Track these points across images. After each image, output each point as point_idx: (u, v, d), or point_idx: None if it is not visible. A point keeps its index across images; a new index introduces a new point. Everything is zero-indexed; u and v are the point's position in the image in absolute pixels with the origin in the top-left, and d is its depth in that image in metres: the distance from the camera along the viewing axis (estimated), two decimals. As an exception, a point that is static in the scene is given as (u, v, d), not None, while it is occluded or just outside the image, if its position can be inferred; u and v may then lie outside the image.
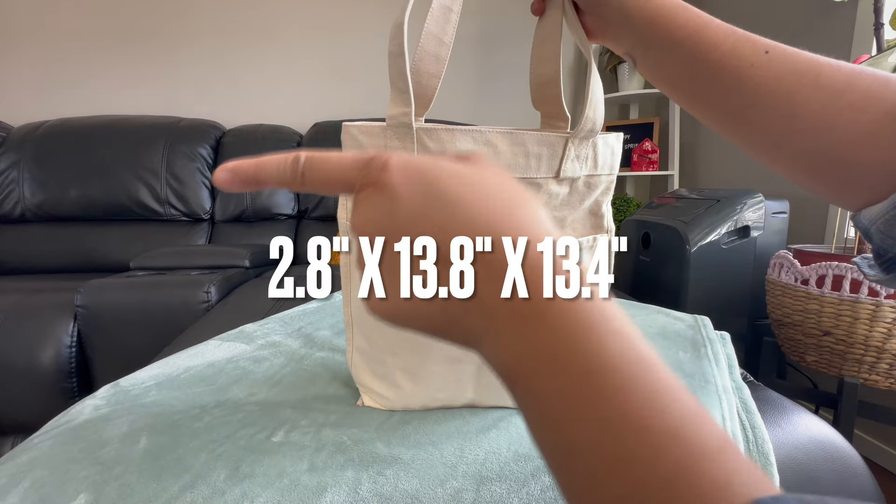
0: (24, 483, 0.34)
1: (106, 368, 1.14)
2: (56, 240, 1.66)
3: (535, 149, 0.36)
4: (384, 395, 0.42)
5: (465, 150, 0.34)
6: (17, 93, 1.86)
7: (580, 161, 0.38)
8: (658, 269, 1.28)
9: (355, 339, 0.43)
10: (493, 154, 0.35)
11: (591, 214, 0.41)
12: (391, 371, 0.40)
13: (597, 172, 0.40)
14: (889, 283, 0.24)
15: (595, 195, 0.41)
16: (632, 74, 1.93)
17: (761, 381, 0.58)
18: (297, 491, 0.33)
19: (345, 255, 0.40)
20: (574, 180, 0.39)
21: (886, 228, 0.21)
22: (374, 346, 0.41)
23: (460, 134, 0.33)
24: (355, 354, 0.43)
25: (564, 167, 0.37)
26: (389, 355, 0.40)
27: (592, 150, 0.39)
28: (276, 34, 1.97)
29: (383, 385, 0.42)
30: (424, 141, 0.34)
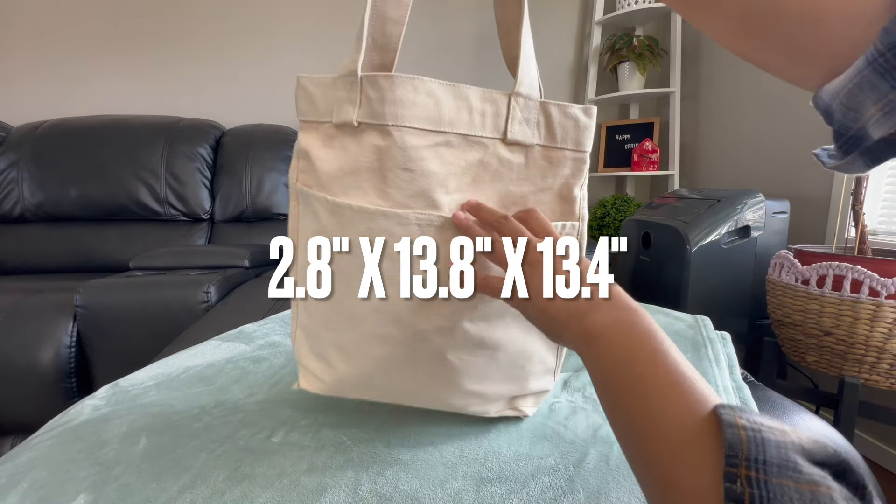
0: (24, 483, 0.34)
1: (106, 368, 1.14)
2: (55, 240, 1.66)
3: (479, 104, 0.35)
4: (319, 376, 0.39)
5: (404, 99, 0.33)
6: (17, 92, 1.85)
7: (530, 126, 0.36)
8: (658, 269, 1.28)
9: (299, 314, 0.40)
10: (435, 106, 0.33)
11: (561, 198, 0.39)
12: (326, 348, 0.38)
13: (556, 145, 0.38)
14: (847, 168, 0.23)
15: (563, 175, 0.38)
16: (632, 74, 1.93)
17: (762, 382, 0.58)
18: (297, 491, 0.33)
19: (293, 220, 0.38)
20: (528, 149, 0.37)
21: (848, 100, 0.19)
22: (312, 317, 0.39)
23: (400, 82, 0.32)
24: (298, 331, 0.41)
25: (511, 128, 0.36)
26: (325, 329, 0.38)
27: (543, 115, 0.37)
28: (276, 34, 1.97)
29: (320, 365, 0.39)
30: (367, 90, 0.33)
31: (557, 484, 0.35)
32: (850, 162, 0.22)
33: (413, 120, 0.33)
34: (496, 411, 0.41)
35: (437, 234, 0.34)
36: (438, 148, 0.34)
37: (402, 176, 0.33)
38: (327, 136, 0.34)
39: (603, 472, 0.36)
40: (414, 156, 0.33)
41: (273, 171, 1.77)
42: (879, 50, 0.17)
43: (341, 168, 0.34)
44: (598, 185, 2.22)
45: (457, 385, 0.38)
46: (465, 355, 0.37)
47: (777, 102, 1.49)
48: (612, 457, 0.38)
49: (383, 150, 0.33)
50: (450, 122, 0.34)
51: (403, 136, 0.32)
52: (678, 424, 0.22)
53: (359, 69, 0.33)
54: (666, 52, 1.97)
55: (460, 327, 0.36)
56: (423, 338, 0.36)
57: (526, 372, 0.40)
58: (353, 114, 0.33)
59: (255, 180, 1.75)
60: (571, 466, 0.37)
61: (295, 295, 0.39)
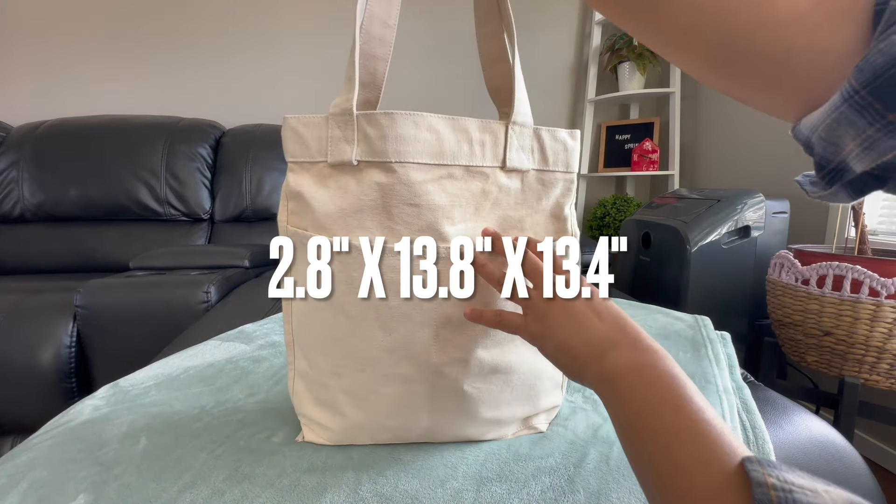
0: (24, 483, 0.34)
1: (106, 368, 1.14)
2: (55, 240, 1.66)
3: (478, 135, 0.35)
4: (327, 425, 0.38)
5: (406, 135, 0.33)
6: (17, 92, 1.85)
7: (525, 152, 0.37)
8: (658, 269, 1.27)
9: (297, 362, 0.40)
10: (436, 140, 0.33)
11: (554, 217, 0.40)
12: (334, 396, 0.37)
13: (548, 168, 0.39)
14: (831, 198, 0.23)
15: (554, 196, 0.39)
16: (632, 74, 1.93)
17: (762, 382, 0.58)
18: (297, 491, 0.33)
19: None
20: (524, 174, 0.38)
21: (827, 135, 0.20)
22: (315, 367, 0.38)
23: (401, 119, 0.32)
24: (297, 381, 0.40)
25: (510, 156, 0.36)
26: (331, 377, 0.37)
27: (536, 141, 0.38)
28: (276, 34, 1.97)
29: (326, 414, 0.38)
30: (365, 128, 0.33)
31: (557, 484, 0.35)
32: (834, 193, 0.22)
33: (416, 155, 0.33)
34: (512, 434, 0.41)
35: (445, 265, 0.34)
36: (442, 181, 0.34)
37: (408, 211, 0.33)
38: (322, 175, 0.34)
39: (603, 472, 0.36)
40: (419, 190, 0.33)
41: (273, 171, 1.77)
42: (854, 87, 0.18)
43: (341, 208, 0.33)
44: (598, 185, 2.22)
45: (474, 415, 0.38)
46: (480, 384, 0.37)
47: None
48: (612, 457, 0.38)
49: (387, 187, 0.32)
50: (452, 155, 0.34)
51: (407, 171, 0.33)
52: (704, 478, 0.21)
53: (354, 108, 0.33)
54: (666, 52, 1.97)
55: (475, 356, 0.36)
56: (438, 372, 0.35)
57: (537, 391, 0.41)
58: (352, 153, 0.33)
59: (255, 180, 1.75)
60: (571, 466, 0.37)
61: (294, 344, 0.39)
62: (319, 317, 0.36)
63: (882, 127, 0.18)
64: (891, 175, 0.20)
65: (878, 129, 0.18)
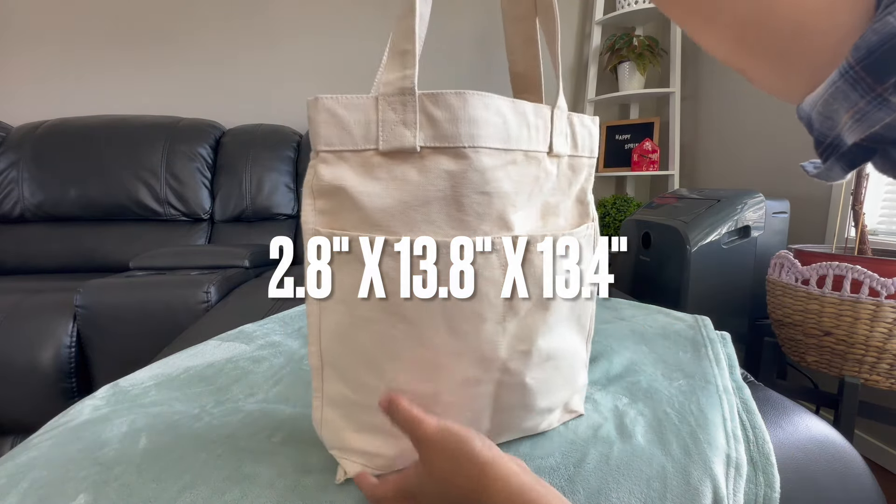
0: (24, 483, 0.34)
1: (106, 368, 1.14)
2: (55, 240, 1.66)
3: (534, 119, 0.34)
4: (377, 452, 0.34)
5: (479, 118, 0.30)
6: (17, 93, 1.85)
7: (563, 137, 0.37)
8: (658, 269, 1.27)
9: (327, 389, 0.34)
10: (503, 124, 0.31)
11: (579, 202, 0.40)
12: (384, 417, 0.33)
13: (578, 153, 0.39)
14: (826, 175, 0.24)
15: (580, 181, 0.40)
16: (632, 74, 1.93)
17: (762, 382, 0.58)
18: (297, 491, 0.33)
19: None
20: (560, 159, 0.37)
21: (825, 109, 0.21)
22: (363, 389, 0.33)
23: (472, 99, 0.29)
24: (326, 411, 0.35)
25: (555, 141, 0.36)
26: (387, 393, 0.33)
27: (570, 126, 0.38)
28: (276, 34, 1.97)
29: (376, 440, 0.34)
30: (430, 110, 0.29)
31: (557, 484, 0.35)
32: (829, 168, 0.23)
33: (488, 139, 0.30)
34: (558, 420, 0.41)
35: (513, 256, 0.32)
36: (508, 167, 0.32)
37: (479, 200, 0.30)
38: (369, 166, 0.29)
39: (603, 472, 0.36)
40: (490, 177, 0.30)
41: (273, 171, 1.77)
42: (850, 63, 0.19)
43: (403, 201, 0.29)
44: (598, 185, 2.22)
45: (532, 407, 0.37)
46: (538, 373, 0.36)
47: (777, 102, 1.49)
48: (612, 457, 0.38)
49: (458, 175, 0.29)
50: (516, 140, 0.32)
51: (480, 157, 0.30)
52: None
53: (415, 87, 0.29)
54: (666, 52, 1.97)
55: (536, 346, 0.35)
56: (504, 368, 0.34)
57: (575, 371, 0.41)
58: (414, 138, 0.29)
59: (255, 180, 1.75)
60: (571, 466, 0.37)
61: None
62: (372, 329, 0.31)
63: (872, 99, 0.19)
64: (878, 146, 0.21)
65: (869, 101, 0.19)
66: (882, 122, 0.19)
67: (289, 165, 1.81)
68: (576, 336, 0.41)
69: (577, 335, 0.41)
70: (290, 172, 1.81)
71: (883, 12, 0.18)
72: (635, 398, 0.47)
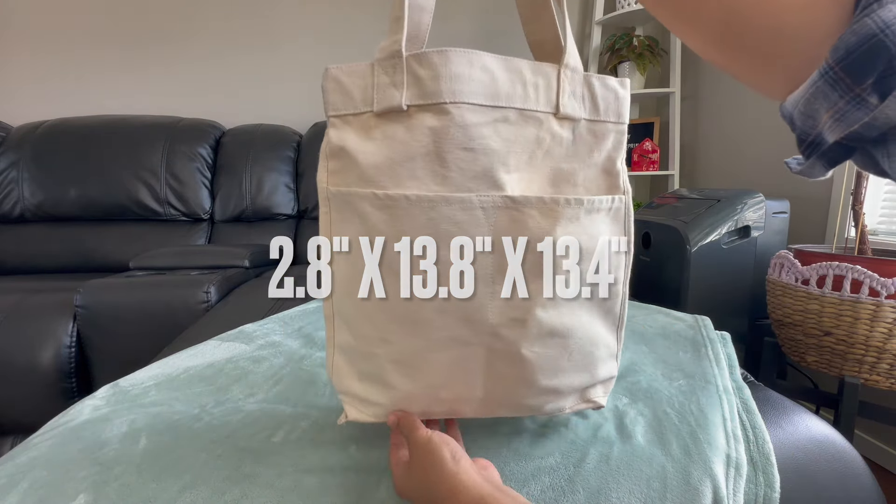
0: (24, 483, 0.34)
1: (106, 368, 1.14)
2: (55, 240, 1.66)
3: (531, 77, 0.33)
4: (374, 400, 0.36)
5: (461, 74, 0.30)
6: (17, 93, 1.85)
7: (577, 99, 0.35)
8: (658, 269, 1.27)
9: (336, 336, 0.37)
10: (490, 80, 0.32)
11: (605, 173, 0.37)
12: (382, 366, 0.35)
13: (600, 118, 0.36)
14: (809, 172, 0.24)
15: (606, 149, 0.37)
16: (632, 74, 1.93)
17: (762, 382, 0.58)
18: (298, 491, 0.33)
19: (325, 231, 0.34)
20: (576, 123, 0.35)
21: (806, 108, 0.22)
22: (361, 337, 0.35)
23: (454, 56, 0.30)
24: (337, 356, 0.37)
25: (563, 102, 0.34)
26: (379, 345, 0.35)
27: (587, 89, 0.36)
28: (276, 34, 1.97)
29: (374, 388, 0.36)
30: (415, 69, 0.31)
31: (557, 484, 0.35)
32: (811, 165, 0.24)
33: (471, 95, 0.31)
34: (570, 407, 0.39)
35: (501, 214, 0.32)
36: (497, 124, 0.32)
37: (463, 156, 0.31)
38: (367, 126, 0.32)
39: (603, 472, 0.36)
40: (475, 133, 0.31)
41: (273, 171, 1.77)
42: (829, 64, 0.20)
43: (390, 158, 0.31)
44: (598, 185, 2.22)
45: (532, 383, 0.36)
46: (538, 348, 0.35)
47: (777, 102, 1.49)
48: (612, 457, 0.38)
49: (440, 131, 0.31)
50: (507, 97, 0.32)
51: (463, 113, 0.31)
52: None
53: (402, 49, 0.30)
54: (666, 52, 1.97)
55: (533, 316, 0.34)
56: (495, 334, 0.34)
57: (594, 358, 0.39)
58: (401, 97, 0.31)
59: (255, 180, 1.74)
60: (571, 466, 0.37)
61: (334, 317, 0.36)
62: (367, 281, 0.33)
63: (851, 99, 0.20)
64: (857, 144, 0.21)
65: (848, 101, 0.20)
66: (861, 121, 0.20)
67: (289, 165, 1.81)
68: (597, 319, 0.38)
69: (600, 319, 0.38)
70: (290, 172, 1.81)
71: (861, 13, 0.19)
72: (635, 398, 0.47)
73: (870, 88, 0.19)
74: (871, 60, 0.18)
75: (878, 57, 0.18)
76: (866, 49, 0.18)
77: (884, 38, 0.18)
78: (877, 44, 0.18)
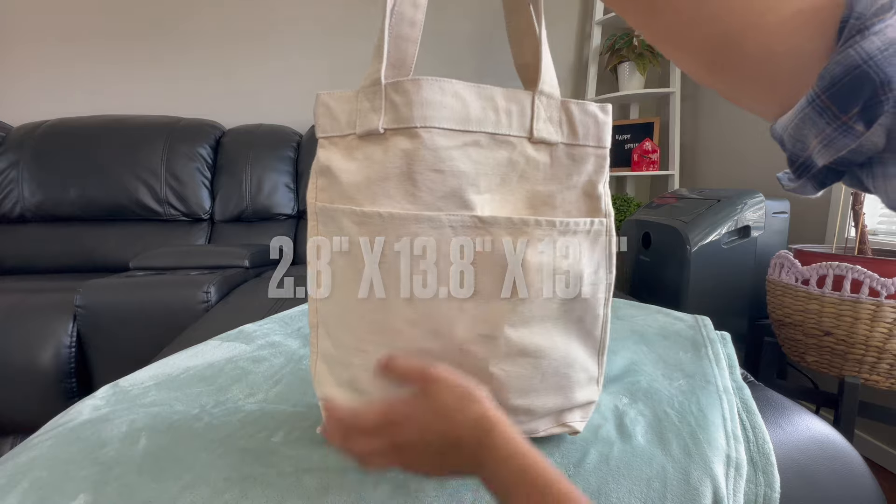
0: (24, 483, 0.34)
1: (106, 368, 1.14)
2: (55, 240, 1.66)
3: (504, 103, 0.35)
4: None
5: (432, 100, 0.32)
6: (17, 93, 1.85)
7: (553, 124, 0.36)
8: (658, 269, 1.28)
9: (320, 344, 0.39)
10: (462, 106, 0.33)
11: (586, 196, 0.38)
12: (357, 375, 0.36)
13: (578, 142, 0.37)
14: (801, 191, 0.25)
15: (586, 172, 0.38)
16: (632, 74, 1.93)
17: (762, 382, 0.58)
18: (298, 491, 0.33)
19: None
20: (552, 147, 0.37)
21: (795, 132, 0.22)
22: (340, 346, 0.37)
23: (426, 84, 0.32)
24: (319, 363, 0.39)
25: (537, 127, 0.36)
26: (356, 354, 0.36)
27: (564, 113, 0.37)
28: (276, 34, 1.97)
29: (348, 394, 0.37)
30: (392, 96, 0.33)
31: (557, 484, 0.35)
32: (802, 185, 0.25)
33: (441, 120, 0.33)
34: (544, 430, 0.39)
35: (471, 234, 0.34)
36: (467, 148, 0.34)
37: (432, 177, 0.33)
38: (350, 148, 0.34)
39: (603, 472, 0.36)
40: (444, 156, 0.33)
41: (273, 171, 1.77)
42: (816, 92, 0.20)
43: (368, 177, 0.33)
44: (598, 185, 2.22)
45: (502, 401, 0.36)
46: (507, 366, 0.36)
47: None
48: (612, 457, 0.38)
49: (412, 153, 0.33)
50: (478, 122, 0.34)
51: (433, 136, 0.33)
52: None
53: (382, 77, 0.33)
54: (666, 52, 1.97)
55: (502, 334, 0.35)
56: (463, 349, 0.35)
57: (570, 381, 0.39)
58: (379, 121, 0.33)
59: (255, 180, 1.74)
60: (571, 466, 0.37)
61: (318, 326, 0.38)
62: (346, 292, 0.35)
63: (838, 127, 0.20)
64: (846, 168, 0.22)
65: (835, 128, 0.20)
66: (848, 147, 0.20)
67: (289, 165, 1.81)
68: (574, 342, 0.38)
69: (578, 342, 0.39)
70: (290, 172, 1.81)
71: (844, 45, 0.19)
72: (635, 398, 0.47)
73: (856, 117, 0.20)
74: (856, 90, 0.19)
75: (863, 87, 0.19)
76: (851, 79, 0.19)
77: (867, 68, 0.19)
78: (860, 74, 0.19)
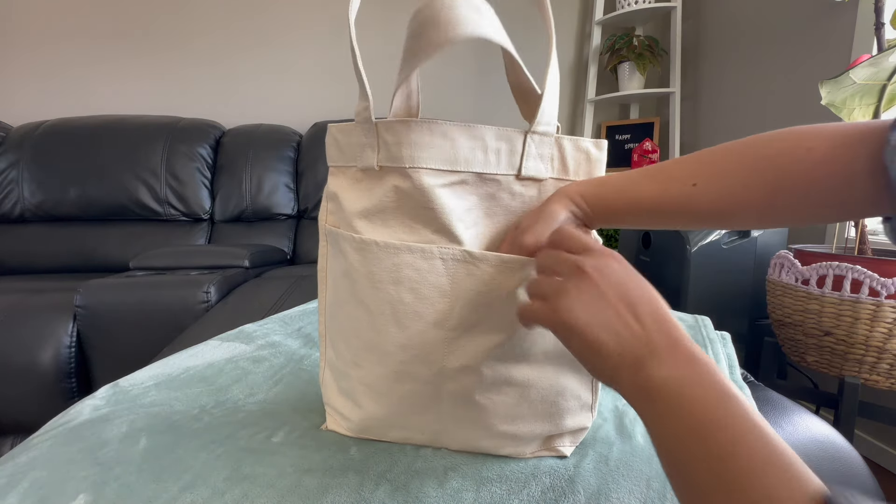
0: (24, 483, 0.34)
1: (106, 368, 1.14)
2: (55, 240, 1.66)
3: (493, 143, 0.35)
4: (347, 415, 0.40)
5: (421, 142, 0.33)
6: (17, 93, 1.85)
7: (544, 161, 0.36)
8: (658, 269, 1.28)
9: (327, 353, 0.41)
10: (450, 147, 0.34)
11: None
12: (354, 386, 0.38)
13: (569, 177, 0.37)
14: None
15: None
16: (632, 74, 1.93)
17: (762, 382, 0.58)
18: (298, 491, 0.33)
19: (322, 265, 0.41)
20: (541, 182, 0.37)
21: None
22: (341, 357, 0.39)
23: (416, 126, 0.33)
24: (326, 370, 0.42)
25: (525, 165, 0.36)
26: (353, 367, 0.38)
27: (557, 150, 0.37)
28: (276, 34, 1.97)
29: (347, 404, 0.40)
30: (384, 135, 0.34)
31: (557, 484, 0.35)
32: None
33: (429, 161, 0.34)
34: (531, 452, 0.39)
35: (459, 267, 0.35)
36: (454, 186, 0.35)
37: (424, 214, 0.34)
38: (354, 179, 0.37)
39: (603, 473, 0.36)
40: (432, 195, 0.34)
41: (273, 171, 1.77)
42: None
43: (366, 208, 0.36)
44: (598, 185, 2.22)
45: (487, 426, 0.37)
46: (493, 395, 0.36)
47: (777, 102, 1.49)
48: (611, 457, 0.38)
49: (403, 191, 0.34)
50: (465, 162, 0.35)
51: (421, 176, 0.34)
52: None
53: (372, 116, 0.34)
54: (666, 52, 1.97)
55: (488, 366, 0.35)
56: (448, 376, 0.35)
57: (560, 409, 0.38)
58: (374, 158, 0.35)
59: (255, 180, 1.75)
60: (571, 466, 0.37)
61: (326, 336, 0.41)
62: (346, 309, 0.38)
63: None
64: None
65: None
66: None
67: (289, 165, 1.81)
68: (566, 371, 0.38)
69: (570, 371, 0.39)
70: (289, 172, 1.81)
71: None
72: (635, 398, 0.47)
73: None
74: None
75: None
76: None
77: None
78: None
